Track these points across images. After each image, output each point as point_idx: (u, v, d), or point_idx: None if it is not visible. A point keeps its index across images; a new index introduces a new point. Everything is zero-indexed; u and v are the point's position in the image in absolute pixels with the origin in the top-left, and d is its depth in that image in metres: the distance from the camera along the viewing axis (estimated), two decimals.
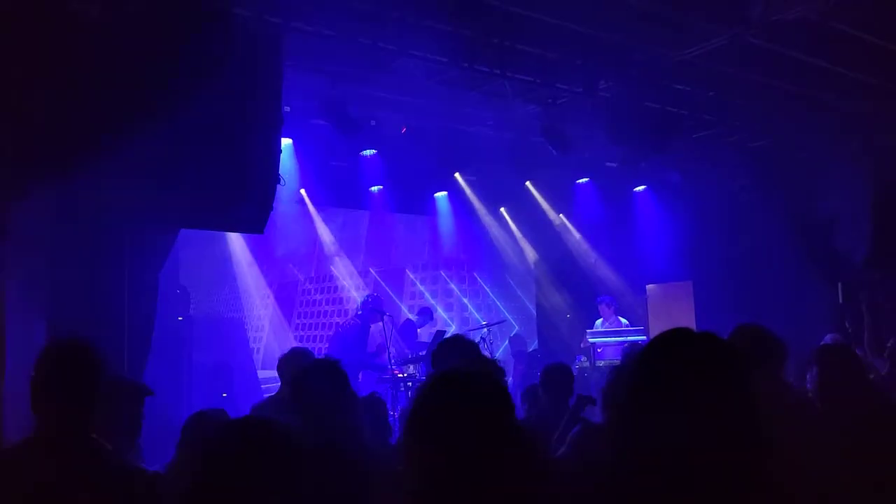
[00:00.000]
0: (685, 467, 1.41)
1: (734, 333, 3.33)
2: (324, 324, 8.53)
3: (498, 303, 12.74)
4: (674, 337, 1.56)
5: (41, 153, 5.01)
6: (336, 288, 10.45)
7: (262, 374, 9.42)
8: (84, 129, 5.02)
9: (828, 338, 5.61)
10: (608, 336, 9.68)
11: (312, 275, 10.50)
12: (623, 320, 10.01)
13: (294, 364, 4.42)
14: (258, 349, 10.21)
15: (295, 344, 8.08)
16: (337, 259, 10.68)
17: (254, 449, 1.72)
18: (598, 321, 10.09)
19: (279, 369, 4.77)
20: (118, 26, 4.96)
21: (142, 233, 5.26)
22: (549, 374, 5.01)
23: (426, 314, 10.31)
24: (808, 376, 3.43)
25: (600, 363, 9.32)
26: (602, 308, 10.09)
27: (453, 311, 12.27)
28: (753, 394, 1.48)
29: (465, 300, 12.51)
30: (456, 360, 3.21)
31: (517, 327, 11.74)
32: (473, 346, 3.57)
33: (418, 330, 10.06)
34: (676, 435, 1.42)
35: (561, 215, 11.39)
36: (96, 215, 4.99)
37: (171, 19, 5.21)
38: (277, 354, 4.95)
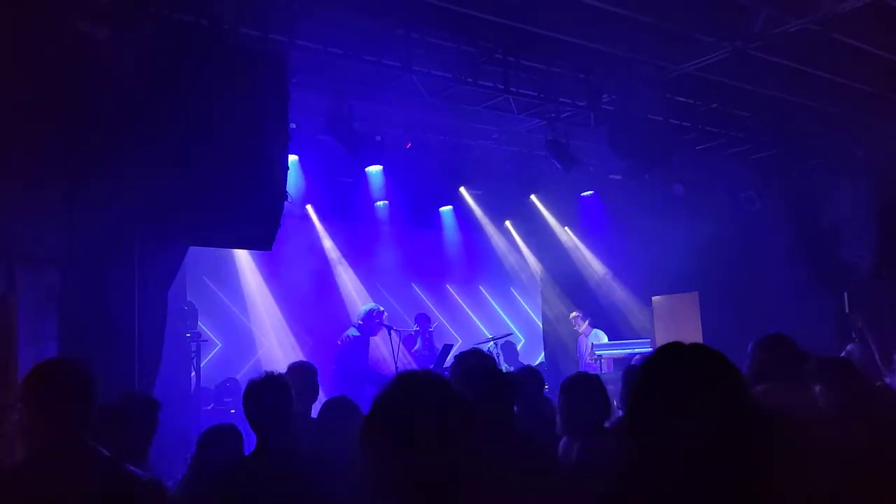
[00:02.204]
0: (680, 477, 1.44)
1: (758, 344, 3.25)
2: (329, 338, 8.54)
3: (504, 316, 12.74)
4: (668, 350, 1.60)
5: (51, 173, 5.08)
6: (342, 303, 10.46)
7: None
8: (93, 149, 5.09)
9: (847, 348, 5.53)
10: (615, 349, 9.68)
11: (318, 289, 10.51)
12: (599, 332, 10.08)
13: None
14: (264, 363, 10.21)
15: (301, 357, 8.08)
16: (342, 273, 10.70)
17: None
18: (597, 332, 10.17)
19: None
20: (127, 48, 5.04)
21: (151, 251, 5.30)
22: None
23: (423, 320, 10.30)
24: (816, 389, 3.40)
25: (606, 376, 9.29)
26: (577, 323, 10.36)
27: (459, 325, 12.26)
28: (751, 405, 1.51)
29: (471, 313, 12.51)
30: (474, 376, 3.15)
31: (522, 340, 11.70)
32: (489, 359, 3.59)
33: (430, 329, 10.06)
34: (674, 443, 1.46)
35: (566, 228, 11.41)
36: (107, 234, 5.03)
37: (178, 41, 5.29)
38: (283, 369, 4.96)
